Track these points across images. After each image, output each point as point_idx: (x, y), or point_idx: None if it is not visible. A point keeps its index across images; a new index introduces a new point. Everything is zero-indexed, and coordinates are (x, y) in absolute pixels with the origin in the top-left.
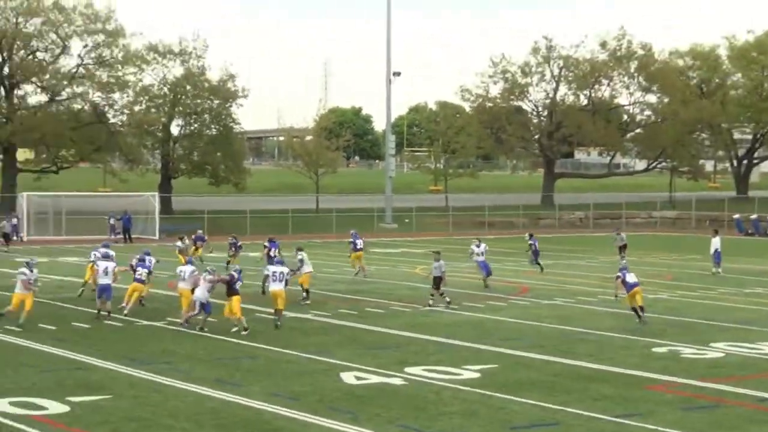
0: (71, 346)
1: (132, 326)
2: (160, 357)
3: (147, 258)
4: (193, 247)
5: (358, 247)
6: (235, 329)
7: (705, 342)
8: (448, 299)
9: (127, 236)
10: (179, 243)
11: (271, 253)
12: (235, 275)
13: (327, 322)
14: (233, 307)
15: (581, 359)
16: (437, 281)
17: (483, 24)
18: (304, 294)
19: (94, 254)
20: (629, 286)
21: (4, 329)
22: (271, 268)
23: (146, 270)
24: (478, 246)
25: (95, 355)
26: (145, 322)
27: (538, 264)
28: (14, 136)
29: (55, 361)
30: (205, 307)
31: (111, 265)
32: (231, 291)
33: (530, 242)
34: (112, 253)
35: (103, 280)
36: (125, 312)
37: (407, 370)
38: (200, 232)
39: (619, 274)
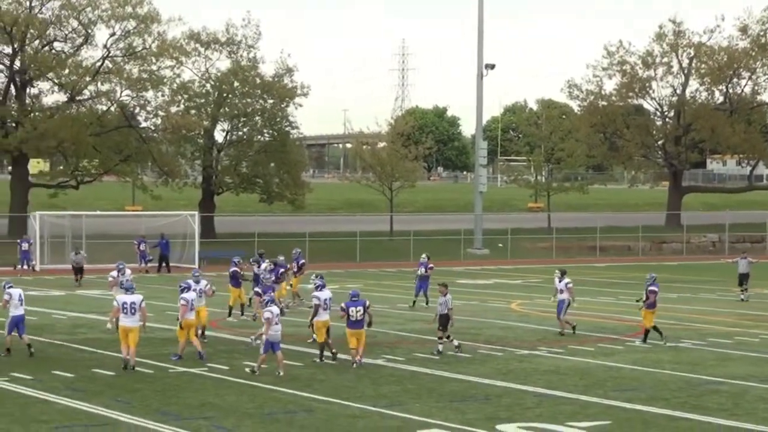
0: (91, 398)
1: (164, 373)
2: (199, 411)
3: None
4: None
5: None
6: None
7: None
8: (456, 344)
9: (164, 264)
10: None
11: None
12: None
13: (400, 369)
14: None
15: (713, 414)
16: (443, 320)
17: (593, 5)
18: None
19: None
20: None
21: (11, 377)
22: (321, 296)
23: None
24: (560, 279)
25: (120, 409)
26: (181, 369)
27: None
28: (26, 143)
29: (73, 416)
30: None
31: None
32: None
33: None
34: (129, 279)
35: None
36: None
37: (499, 427)
38: (282, 258)
39: (655, 288)
